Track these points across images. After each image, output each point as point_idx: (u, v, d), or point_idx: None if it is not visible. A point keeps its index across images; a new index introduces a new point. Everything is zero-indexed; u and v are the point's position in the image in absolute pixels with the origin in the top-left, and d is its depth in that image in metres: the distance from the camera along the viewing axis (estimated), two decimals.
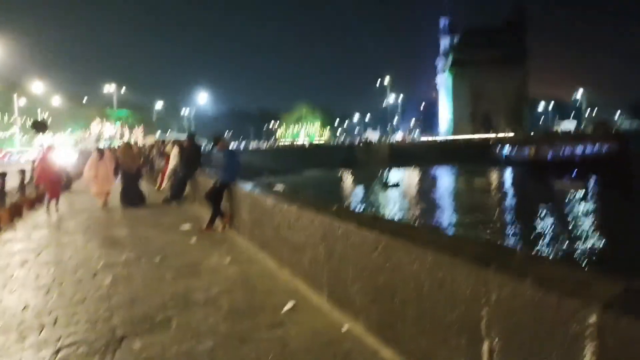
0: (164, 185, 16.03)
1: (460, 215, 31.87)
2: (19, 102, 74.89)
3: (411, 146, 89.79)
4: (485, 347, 2.78)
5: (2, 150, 62.92)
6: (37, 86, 73.38)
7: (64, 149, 30.45)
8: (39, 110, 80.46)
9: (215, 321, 4.52)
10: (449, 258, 3.11)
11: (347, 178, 60.05)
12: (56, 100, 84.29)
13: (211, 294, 5.31)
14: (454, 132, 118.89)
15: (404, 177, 57.82)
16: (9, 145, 73.91)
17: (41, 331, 4.39)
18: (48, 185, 12.79)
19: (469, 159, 68.54)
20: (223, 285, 5.63)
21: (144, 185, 15.49)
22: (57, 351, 3.98)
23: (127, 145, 15.68)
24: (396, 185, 47.77)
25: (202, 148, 15.39)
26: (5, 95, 75.38)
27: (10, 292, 5.64)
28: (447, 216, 32.08)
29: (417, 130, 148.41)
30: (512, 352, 2.62)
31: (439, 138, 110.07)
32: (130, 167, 13.75)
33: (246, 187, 8.86)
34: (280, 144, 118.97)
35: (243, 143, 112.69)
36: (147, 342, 4.10)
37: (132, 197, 13.32)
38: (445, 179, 58.74)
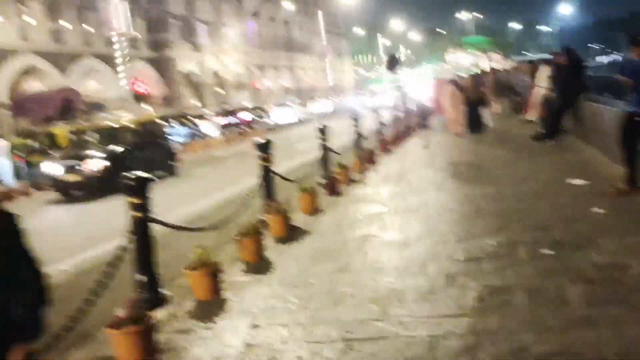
0: (529, 114, 13.36)
1: None
2: (382, 42, 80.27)
3: None
4: None
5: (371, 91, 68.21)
6: (396, 24, 77.27)
7: (421, 83, 30.32)
8: (400, 47, 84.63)
9: None
10: None
11: None
12: (413, 36, 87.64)
13: None
14: None
15: None
16: (375, 84, 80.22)
17: None
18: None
19: None
20: None
21: (489, 113, 14.83)
22: None
23: (473, 77, 17.05)
24: None
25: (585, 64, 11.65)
26: (368, 37, 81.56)
27: (334, 305, 3.92)
28: None
29: None
30: None
31: None
32: (474, 96, 14.07)
33: None
34: None
35: (611, 56, 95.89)
36: None
37: (472, 123, 13.63)
38: None
